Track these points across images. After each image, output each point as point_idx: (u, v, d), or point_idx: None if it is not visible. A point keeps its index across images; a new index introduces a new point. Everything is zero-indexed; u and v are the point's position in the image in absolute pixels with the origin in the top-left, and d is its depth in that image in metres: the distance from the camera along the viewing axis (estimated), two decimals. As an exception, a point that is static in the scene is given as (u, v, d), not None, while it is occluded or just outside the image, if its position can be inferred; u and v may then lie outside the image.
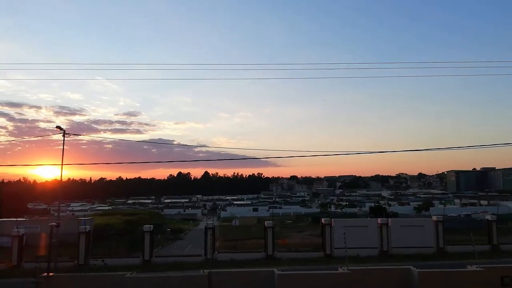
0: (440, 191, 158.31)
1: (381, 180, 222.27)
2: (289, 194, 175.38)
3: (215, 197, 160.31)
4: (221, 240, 31.17)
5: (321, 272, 11.71)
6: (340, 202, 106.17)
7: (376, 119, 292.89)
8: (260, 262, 20.92)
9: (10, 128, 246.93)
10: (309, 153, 66.56)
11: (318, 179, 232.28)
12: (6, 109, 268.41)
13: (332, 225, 23.23)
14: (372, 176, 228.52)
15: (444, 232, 23.64)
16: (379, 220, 24.13)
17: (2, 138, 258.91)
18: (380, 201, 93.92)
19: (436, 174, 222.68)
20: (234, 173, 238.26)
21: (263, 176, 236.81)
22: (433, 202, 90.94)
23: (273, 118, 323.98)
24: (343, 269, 10.46)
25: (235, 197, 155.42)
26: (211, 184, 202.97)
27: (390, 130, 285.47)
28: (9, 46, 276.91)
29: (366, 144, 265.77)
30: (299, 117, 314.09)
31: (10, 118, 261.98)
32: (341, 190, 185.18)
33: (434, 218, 24.59)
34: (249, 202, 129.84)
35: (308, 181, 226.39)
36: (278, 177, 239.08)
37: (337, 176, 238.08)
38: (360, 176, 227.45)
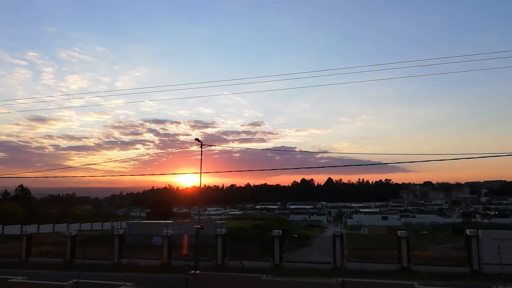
0: None
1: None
2: (423, 202, 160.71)
3: (340, 204, 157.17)
4: (350, 249, 30.21)
5: (471, 290, 10.26)
6: (488, 212, 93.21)
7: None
8: (394, 274, 19.53)
9: (157, 142, 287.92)
10: (448, 156, 59.36)
11: (458, 185, 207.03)
12: (153, 126, 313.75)
13: (480, 237, 20.42)
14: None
15: None
16: (543, 233, 20.30)
17: (151, 151, 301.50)
18: (541, 211, 79.55)
19: None
20: (359, 179, 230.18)
21: (392, 182, 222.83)
22: None
23: (400, 120, 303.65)
24: (500, 289, 8.99)
25: (361, 205, 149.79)
26: (335, 191, 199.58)
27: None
28: (153, 71, 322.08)
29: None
30: (431, 117, 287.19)
31: (156, 133, 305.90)
32: (487, 198, 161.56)
33: None
34: (377, 210, 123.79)
35: (445, 188, 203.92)
36: (409, 183, 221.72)
37: (482, 181, 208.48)
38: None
